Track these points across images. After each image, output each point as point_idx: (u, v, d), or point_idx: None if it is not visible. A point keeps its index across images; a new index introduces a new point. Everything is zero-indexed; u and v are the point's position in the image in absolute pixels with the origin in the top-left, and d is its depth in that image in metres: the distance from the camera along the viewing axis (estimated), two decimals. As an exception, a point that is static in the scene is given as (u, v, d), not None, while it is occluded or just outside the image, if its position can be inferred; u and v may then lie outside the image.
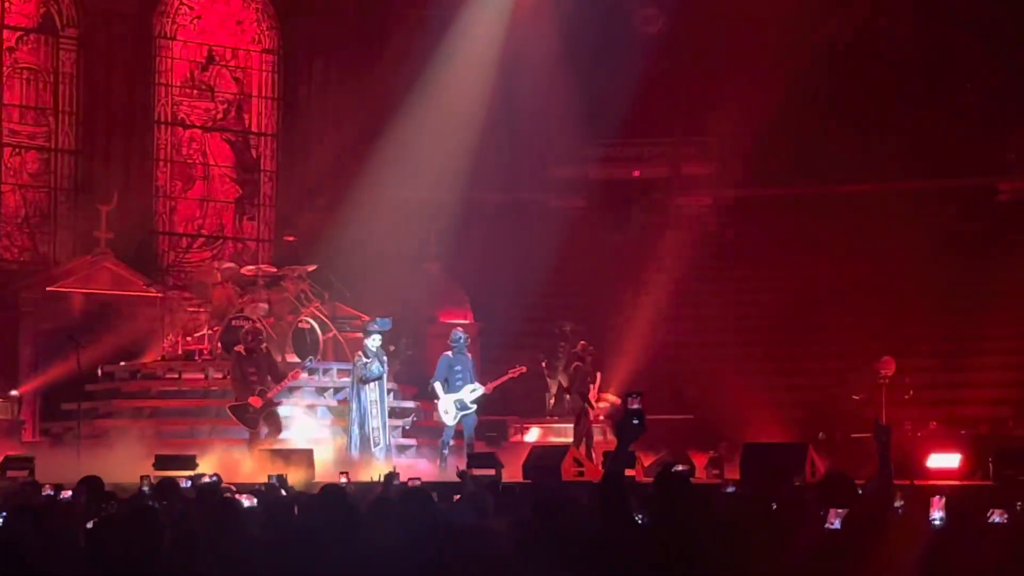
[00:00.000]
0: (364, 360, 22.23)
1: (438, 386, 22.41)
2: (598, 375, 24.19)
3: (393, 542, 7.00)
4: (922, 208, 32.30)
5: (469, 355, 23.01)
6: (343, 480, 14.10)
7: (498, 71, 32.77)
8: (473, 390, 22.30)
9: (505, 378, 22.92)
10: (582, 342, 25.00)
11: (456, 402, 22.21)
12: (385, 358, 22.54)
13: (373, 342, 22.27)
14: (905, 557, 6.51)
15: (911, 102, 33.53)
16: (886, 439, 9.03)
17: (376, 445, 21.93)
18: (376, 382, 22.16)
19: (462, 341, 22.85)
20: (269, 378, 22.03)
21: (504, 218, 32.62)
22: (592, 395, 23.79)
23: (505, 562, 6.18)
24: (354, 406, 22.19)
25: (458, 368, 22.43)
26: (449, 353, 22.77)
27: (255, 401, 21.73)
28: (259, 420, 21.80)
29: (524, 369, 23.20)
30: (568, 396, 26.64)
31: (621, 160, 35.91)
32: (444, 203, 31.99)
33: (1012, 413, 26.25)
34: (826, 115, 32.80)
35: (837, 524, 7.39)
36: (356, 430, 22.07)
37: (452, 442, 22.43)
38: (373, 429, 22.05)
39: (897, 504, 8.95)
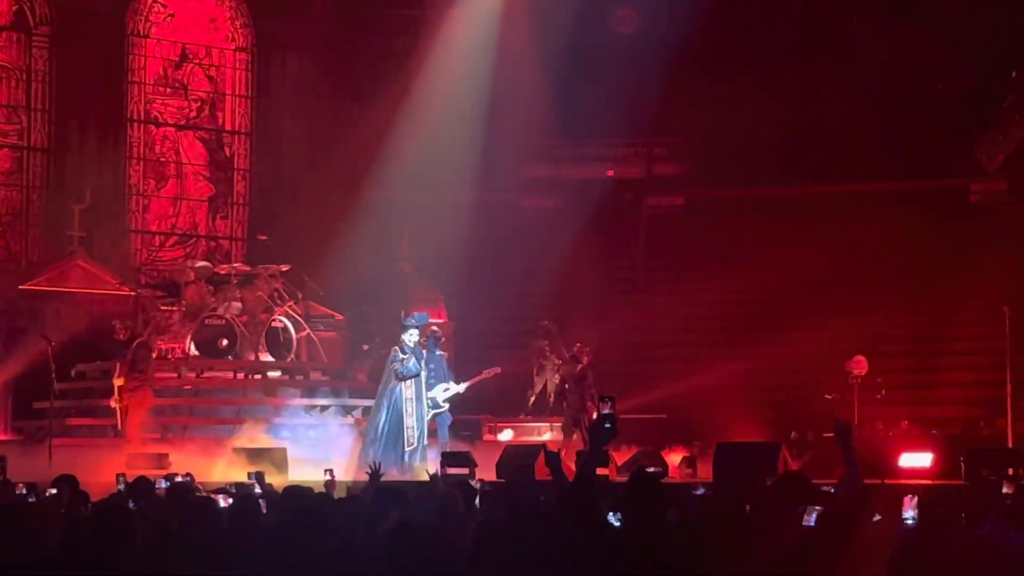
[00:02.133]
0: (400, 356, 21.80)
1: None
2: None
3: (363, 541, 7.01)
4: (894, 209, 32.45)
5: (443, 353, 22.99)
6: (327, 476, 14.01)
7: (472, 70, 32.75)
8: (446, 389, 22.30)
9: (479, 378, 22.92)
10: (578, 343, 25.10)
11: (428, 400, 22.21)
12: (424, 355, 21.85)
13: (411, 337, 21.63)
14: (877, 556, 6.54)
15: (883, 103, 33.64)
16: (847, 439, 9.04)
17: (410, 445, 21.33)
18: (413, 380, 21.67)
19: (435, 340, 22.85)
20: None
21: (478, 218, 32.60)
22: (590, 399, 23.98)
23: (455, 561, 6.19)
24: (384, 404, 21.68)
25: (431, 367, 22.42)
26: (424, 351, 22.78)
27: None
28: None
29: (499, 370, 23.21)
30: (555, 396, 26.83)
31: (594, 160, 35.95)
32: (418, 202, 31.99)
33: (984, 413, 26.36)
34: (798, 116, 32.89)
35: (812, 521, 7.42)
36: (388, 433, 21.54)
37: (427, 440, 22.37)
38: (408, 428, 21.44)
39: (876, 517, 8.97)
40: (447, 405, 22.35)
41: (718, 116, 31.81)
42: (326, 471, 14.23)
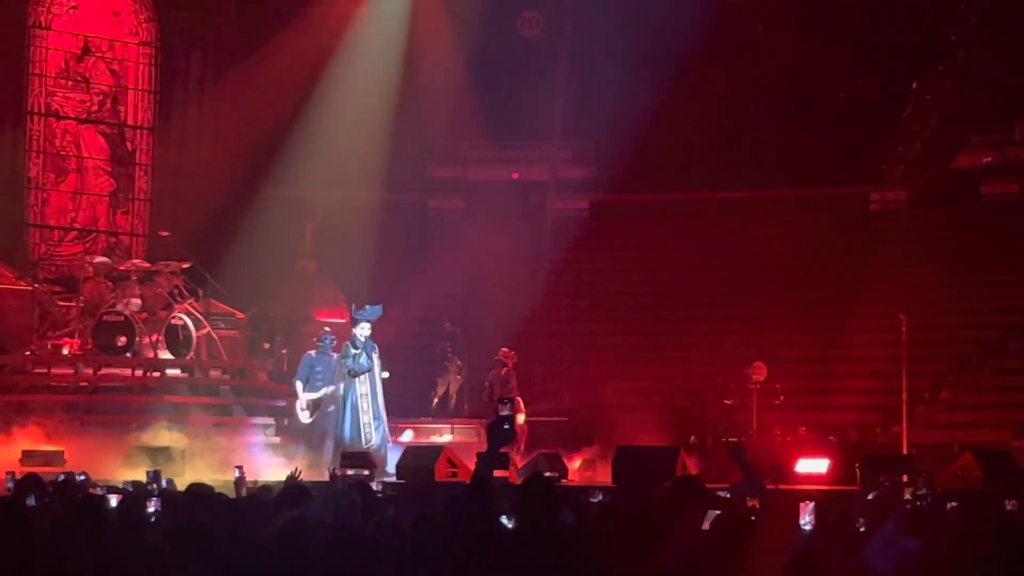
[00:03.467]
0: (352, 351, 21.58)
1: (298, 384, 22.31)
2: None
3: (258, 540, 6.96)
4: (794, 216, 32.77)
5: (334, 355, 22.85)
6: (236, 474, 13.86)
7: (379, 70, 32.68)
8: (333, 391, 22.22)
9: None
10: (503, 348, 25.12)
11: (313, 402, 22.11)
12: (376, 352, 21.71)
13: (362, 331, 21.52)
14: (773, 561, 6.58)
15: (785, 111, 33.95)
16: (741, 456, 9.08)
17: (368, 443, 21.25)
18: (367, 375, 21.51)
19: (327, 343, 22.75)
20: None
21: (382, 217, 32.51)
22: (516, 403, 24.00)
23: (348, 560, 6.17)
24: (337, 404, 21.52)
25: (319, 368, 22.33)
26: (312, 353, 22.67)
27: None
28: None
29: (386, 375, 22.97)
30: (456, 398, 26.84)
31: (500, 162, 35.99)
32: (322, 201, 31.85)
33: (880, 419, 26.65)
34: (702, 122, 33.10)
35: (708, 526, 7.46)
36: (346, 429, 21.42)
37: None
38: (364, 425, 21.40)
39: (752, 506, 9.07)
40: (332, 408, 22.25)
41: (623, 121, 31.93)
42: (236, 468, 14.11)
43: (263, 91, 31.95)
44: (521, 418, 24.31)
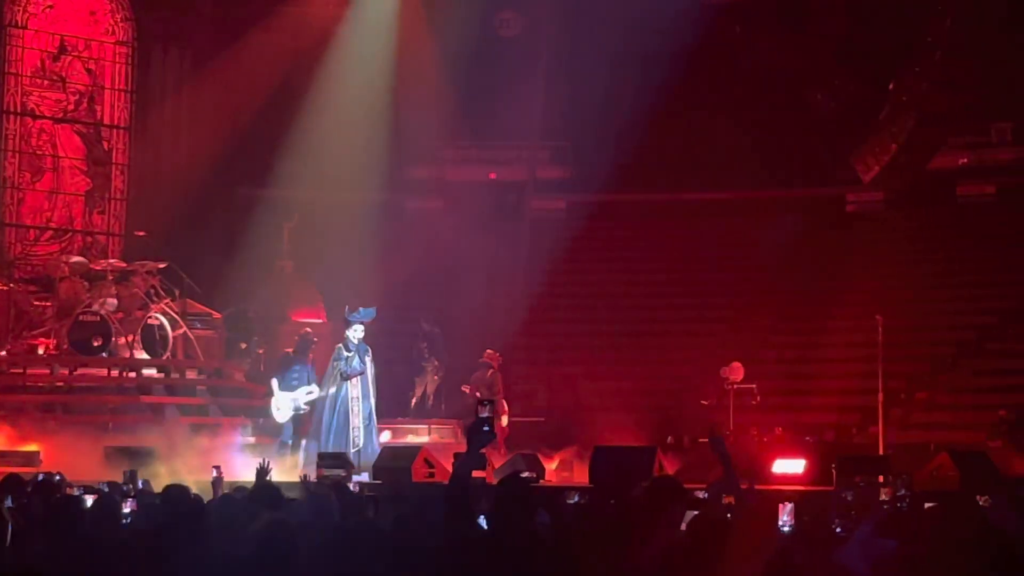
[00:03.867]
0: (345, 354, 21.42)
1: (274, 383, 22.27)
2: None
3: (235, 541, 6.94)
4: (771, 217, 32.81)
5: (311, 356, 22.78)
6: (214, 474, 13.81)
7: (357, 70, 32.64)
8: (309, 391, 22.16)
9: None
10: (488, 350, 25.12)
11: (290, 400, 22.06)
12: (369, 355, 21.54)
13: (355, 333, 21.34)
14: (751, 562, 6.58)
15: (762, 112, 33.99)
16: (722, 449, 9.14)
17: (355, 448, 21.04)
18: (359, 378, 21.34)
19: (305, 343, 22.70)
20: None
21: (360, 217, 32.44)
22: (501, 404, 24.05)
23: (326, 561, 6.16)
24: (328, 404, 21.33)
25: (296, 368, 22.29)
26: (290, 351, 22.64)
27: None
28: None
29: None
30: (433, 399, 26.83)
31: (478, 162, 35.97)
32: (299, 201, 31.79)
33: (857, 420, 26.70)
34: (680, 123, 33.15)
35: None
36: (333, 433, 21.21)
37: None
38: (353, 428, 21.20)
39: (729, 505, 9.09)
40: (307, 408, 22.21)
41: (602, 121, 31.94)
42: (214, 467, 14.07)
43: (240, 91, 31.90)
44: (504, 420, 24.37)
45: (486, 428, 7.46)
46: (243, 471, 18.08)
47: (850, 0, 34.66)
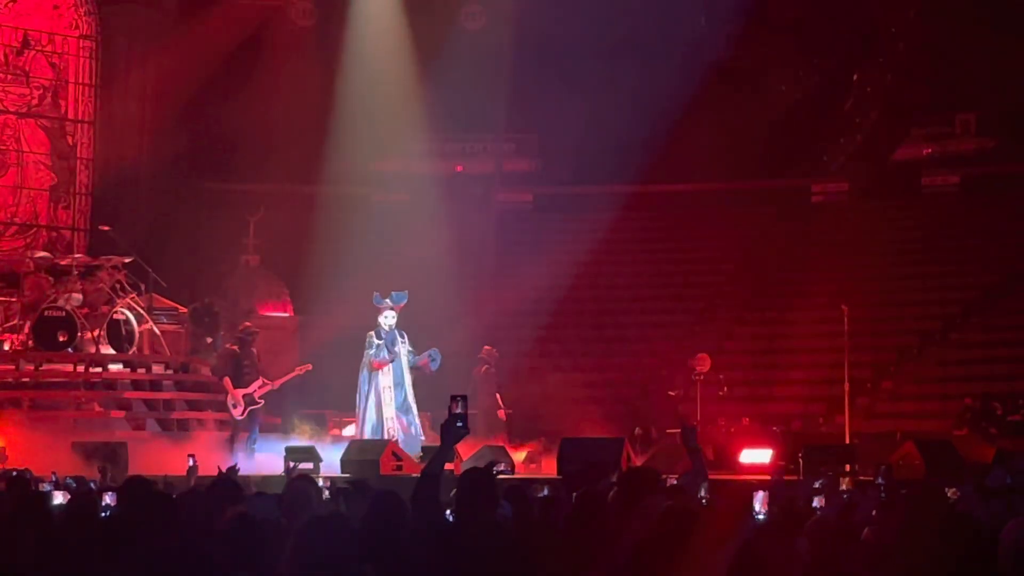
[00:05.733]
0: (376, 342, 21.22)
1: (228, 382, 22.14)
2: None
3: (200, 534, 6.95)
4: (737, 208, 32.93)
5: (254, 350, 22.66)
6: (190, 463, 13.75)
7: (323, 63, 32.60)
8: (261, 385, 22.11)
9: (291, 375, 22.52)
10: (486, 347, 25.11)
11: (244, 396, 22.00)
12: (403, 340, 21.17)
13: (386, 320, 21.11)
14: (725, 551, 6.60)
15: (729, 103, 34.06)
16: (691, 439, 9.22)
17: (390, 437, 20.80)
18: (391, 366, 21.08)
19: (246, 337, 22.60)
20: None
21: (326, 210, 32.38)
22: (497, 399, 24.07)
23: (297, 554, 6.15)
24: (363, 394, 21.19)
25: (247, 363, 22.23)
26: (237, 348, 22.51)
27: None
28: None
29: (309, 367, 22.82)
30: None
31: (444, 155, 35.92)
32: (265, 194, 31.73)
33: (823, 410, 26.84)
34: (645, 114, 33.16)
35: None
36: (368, 423, 21.14)
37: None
38: (387, 419, 21.11)
39: (702, 495, 9.14)
40: (262, 402, 22.16)
41: (567, 114, 31.98)
42: (189, 456, 14.02)
43: (204, 85, 31.78)
44: (502, 414, 24.35)
45: (459, 424, 7.49)
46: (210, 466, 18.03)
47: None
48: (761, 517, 8.95)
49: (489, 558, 6.53)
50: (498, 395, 24.33)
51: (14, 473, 12.40)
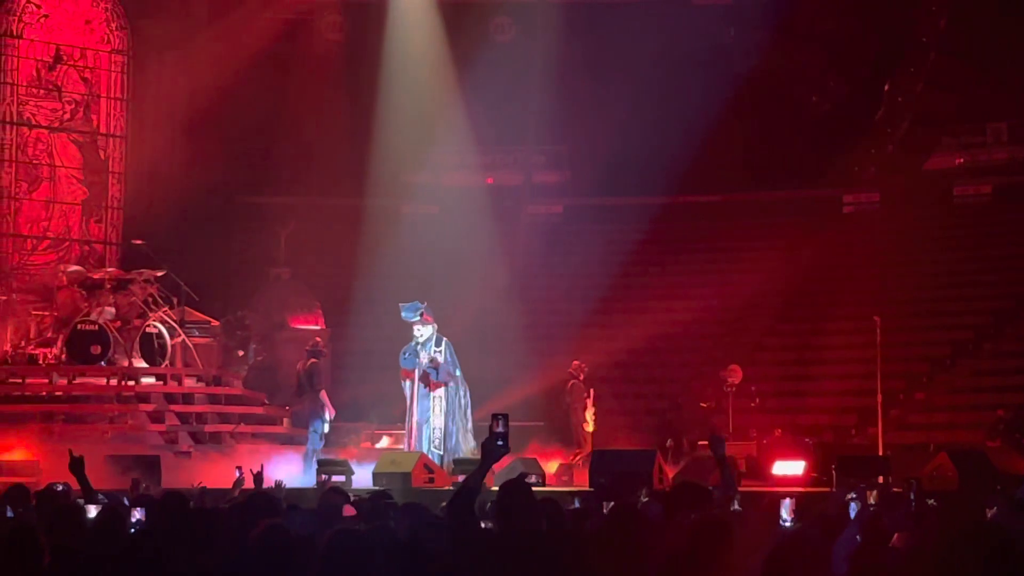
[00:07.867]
0: (405, 354, 21.54)
1: (324, 395, 22.16)
2: (591, 391, 24.32)
3: (239, 548, 6.95)
4: (768, 218, 32.83)
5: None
6: (237, 473, 13.76)
7: (353, 77, 32.68)
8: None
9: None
10: (576, 361, 25.06)
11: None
12: (439, 349, 21.38)
13: (417, 332, 21.44)
14: (754, 559, 6.59)
15: (759, 114, 34.02)
16: (721, 451, 9.23)
17: (436, 448, 21.06)
18: (433, 376, 21.26)
19: (316, 351, 22.62)
20: None
21: (357, 223, 32.45)
22: (590, 411, 24.03)
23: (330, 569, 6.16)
24: (407, 407, 21.48)
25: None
26: (315, 361, 22.50)
27: None
28: None
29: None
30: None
31: (474, 167, 35.95)
32: (296, 207, 31.80)
33: (855, 421, 26.73)
34: (675, 125, 33.14)
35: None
36: (409, 435, 21.36)
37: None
38: (435, 428, 21.32)
39: (735, 507, 9.13)
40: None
41: (597, 125, 31.97)
42: (236, 468, 14.03)
43: (236, 98, 31.88)
44: (586, 426, 24.23)
45: (500, 443, 7.51)
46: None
47: (844, 1, 34.70)
48: (788, 524, 8.93)
49: (531, 569, 6.53)
50: (589, 403, 24.24)
51: (59, 487, 12.39)
